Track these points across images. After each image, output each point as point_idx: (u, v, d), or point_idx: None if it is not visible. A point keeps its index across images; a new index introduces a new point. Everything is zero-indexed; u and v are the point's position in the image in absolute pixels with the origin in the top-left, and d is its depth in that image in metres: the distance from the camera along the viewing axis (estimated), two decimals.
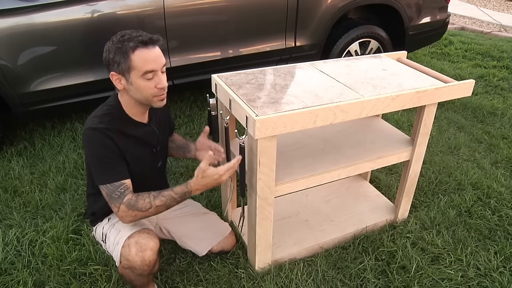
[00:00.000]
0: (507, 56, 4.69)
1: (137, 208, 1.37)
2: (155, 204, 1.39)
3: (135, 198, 1.38)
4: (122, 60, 1.32)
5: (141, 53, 1.31)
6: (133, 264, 1.42)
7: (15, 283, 1.73)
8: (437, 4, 3.62)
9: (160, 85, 1.37)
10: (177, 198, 1.41)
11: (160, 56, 1.36)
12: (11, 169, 2.50)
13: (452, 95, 1.71)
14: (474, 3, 8.29)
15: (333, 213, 2.10)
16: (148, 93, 1.37)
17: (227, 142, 1.65)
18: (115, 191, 1.37)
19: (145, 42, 1.32)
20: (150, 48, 1.33)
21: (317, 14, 3.07)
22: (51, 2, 2.37)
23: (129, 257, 1.41)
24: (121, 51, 1.32)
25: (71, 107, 2.70)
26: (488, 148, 2.84)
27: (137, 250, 1.40)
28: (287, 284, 1.71)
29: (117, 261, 1.48)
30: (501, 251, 1.93)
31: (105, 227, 1.57)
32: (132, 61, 1.32)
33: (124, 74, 1.35)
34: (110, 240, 1.51)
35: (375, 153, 1.81)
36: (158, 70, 1.36)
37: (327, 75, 1.77)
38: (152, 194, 1.39)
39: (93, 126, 1.36)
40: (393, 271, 1.79)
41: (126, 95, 1.42)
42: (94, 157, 1.38)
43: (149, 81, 1.35)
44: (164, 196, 1.40)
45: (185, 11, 2.68)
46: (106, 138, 1.36)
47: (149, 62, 1.32)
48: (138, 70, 1.33)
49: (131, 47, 1.31)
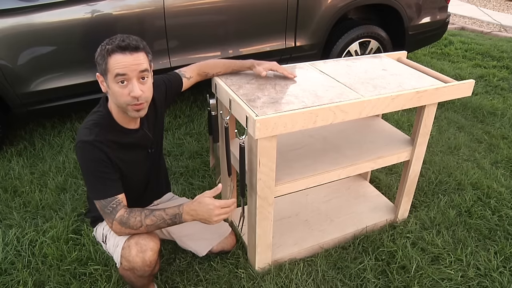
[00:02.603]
0: (507, 56, 4.69)
1: (129, 226, 1.37)
2: (145, 223, 1.37)
3: (126, 215, 1.37)
4: (101, 62, 1.32)
5: (115, 57, 1.29)
6: (134, 265, 1.41)
7: (15, 283, 1.73)
8: (437, 4, 3.62)
9: (133, 94, 1.32)
10: (167, 220, 1.39)
11: (135, 63, 1.31)
12: (11, 169, 2.50)
13: (452, 95, 1.71)
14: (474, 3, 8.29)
15: (333, 213, 2.10)
16: (122, 100, 1.34)
17: (227, 142, 1.65)
18: (108, 206, 1.36)
19: (122, 47, 1.29)
20: (126, 54, 1.30)
21: (317, 14, 3.07)
22: (51, 2, 2.37)
23: (129, 258, 1.40)
24: (101, 53, 1.32)
25: (71, 107, 2.70)
26: (488, 148, 2.84)
27: (137, 250, 1.40)
28: (287, 284, 1.71)
29: (118, 263, 1.47)
30: (501, 251, 1.93)
31: (105, 228, 1.56)
32: (108, 64, 1.30)
33: (104, 75, 1.34)
34: (110, 241, 1.50)
35: (375, 153, 1.81)
36: (132, 77, 1.31)
37: (327, 75, 1.77)
38: (144, 212, 1.38)
39: (84, 139, 1.34)
40: (393, 271, 1.79)
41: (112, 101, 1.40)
42: (87, 171, 1.37)
43: (123, 87, 1.32)
44: (155, 216, 1.38)
45: (185, 11, 2.68)
46: (97, 151, 1.34)
47: (120, 66, 1.29)
48: (111, 73, 1.31)
49: (108, 50, 1.30)
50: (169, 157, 2.63)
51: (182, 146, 2.76)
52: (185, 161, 2.59)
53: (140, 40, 1.35)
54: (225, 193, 2.04)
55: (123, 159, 1.43)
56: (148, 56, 1.37)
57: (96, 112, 1.42)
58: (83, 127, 1.38)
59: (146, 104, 1.39)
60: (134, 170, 1.48)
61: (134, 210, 1.39)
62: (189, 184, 2.38)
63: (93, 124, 1.38)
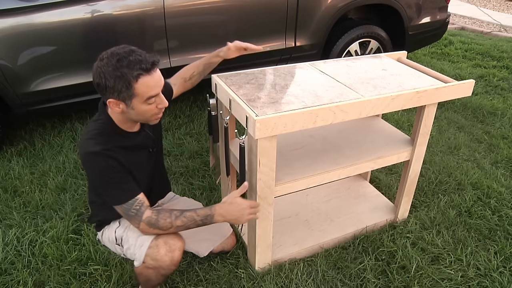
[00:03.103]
0: (507, 56, 4.69)
1: (158, 227, 1.38)
2: (175, 224, 1.39)
3: (155, 216, 1.37)
4: (124, 89, 1.25)
5: (144, 81, 1.25)
6: (162, 264, 1.42)
7: (15, 283, 1.73)
8: (437, 4, 3.62)
9: (161, 105, 1.34)
10: (198, 221, 1.40)
11: (161, 78, 1.31)
12: (11, 169, 2.50)
13: (452, 95, 1.71)
14: (474, 3, 8.29)
15: (333, 213, 2.10)
16: (149, 115, 1.35)
17: (227, 142, 1.65)
18: (131, 209, 1.36)
19: (147, 69, 1.25)
20: (152, 73, 1.26)
21: (317, 14, 3.07)
22: (51, 2, 2.37)
23: (157, 257, 1.41)
24: (122, 80, 1.23)
25: (71, 107, 2.70)
26: (488, 148, 2.84)
27: (166, 250, 1.41)
28: (287, 284, 1.71)
29: (139, 262, 1.46)
30: (501, 251, 1.93)
31: (118, 231, 1.54)
32: (136, 89, 1.25)
33: (125, 100, 1.29)
34: (130, 242, 1.48)
35: (375, 153, 1.81)
36: (160, 91, 1.32)
37: (327, 75, 1.77)
38: (174, 213, 1.39)
39: (92, 150, 1.31)
40: (393, 271, 1.79)
41: (120, 114, 1.37)
42: (101, 180, 1.35)
43: (152, 104, 1.32)
44: (186, 217, 1.39)
45: (185, 11, 2.68)
46: (108, 159, 1.32)
47: (153, 88, 1.28)
48: (141, 96, 1.28)
49: (134, 77, 1.23)
50: (169, 157, 2.63)
51: (182, 146, 2.76)
52: (185, 161, 2.59)
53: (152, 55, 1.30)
54: (225, 193, 2.04)
55: (131, 162, 1.42)
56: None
57: (97, 121, 1.39)
58: (88, 138, 1.35)
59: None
60: (141, 172, 1.49)
61: (162, 211, 1.39)
62: (189, 184, 2.38)
63: (97, 133, 1.36)
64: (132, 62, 1.23)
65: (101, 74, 1.25)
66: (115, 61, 1.23)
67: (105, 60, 1.25)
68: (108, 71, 1.23)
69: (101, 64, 1.25)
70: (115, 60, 1.23)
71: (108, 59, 1.24)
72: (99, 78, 1.25)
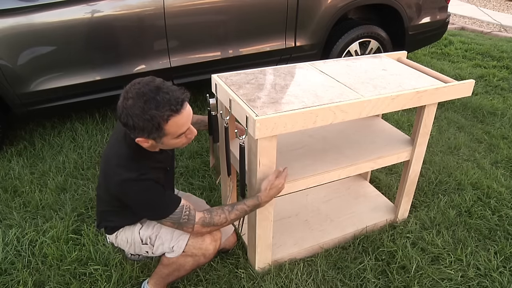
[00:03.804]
0: (507, 56, 4.69)
1: (213, 224, 1.44)
2: (230, 218, 1.46)
3: (209, 215, 1.43)
4: (155, 130, 1.22)
5: (175, 122, 1.23)
6: (205, 252, 1.49)
7: (15, 283, 1.73)
8: (437, 4, 3.62)
9: (190, 135, 1.35)
10: (248, 211, 1.48)
11: (190, 113, 1.29)
12: (11, 169, 2.50)
13: (452, 95, 1.71)
14: (474, 3, 8.29)
15: (333, 213, 2.10)
16: (178, 145, 1.36)
17: (227, 142, 1.65)
18: (181, 217, 1.39)
19: (177, 110, 1.21)
20: (183, 112, 1.23)
21: (317, 14, 3.07)
22: (51, 2, 2.37)
23: (202, 246, 1.48)
24: (152, 123, 1.20)
25: (71, 107, 2.70)
26: (488, 148, 2.84)
27: (211, 239, 1.49)
28: (287, 284, 1.71)
29: (177, 252, 1.48)
30: (501, 251, 1.93)
31: (143, 231, 1.53)
32: (166, 130, 1.24)
33: (155, 139, 1.28)
34: (164, 238, 1.50)
35: (375, 153, 1.81)
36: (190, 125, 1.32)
37: (327, 75, 1.77)
38: (226, 209, 1.45)
39: (127, 177, 1.30)
40: (393, 271, 1.79)
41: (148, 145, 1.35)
42: (144, 202, 1.36)
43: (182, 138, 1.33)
44: (238, 210, 1.46)
45: (185, 11, 2.68)
46: (146, 182, 1.33)
47: (183, 126, 1.28)
48: (172, 135, 1.28)
49: (165, 119, 1.20)
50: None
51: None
52: (185, 161, 2.59)
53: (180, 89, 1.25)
54: (225, 193, 2.04)
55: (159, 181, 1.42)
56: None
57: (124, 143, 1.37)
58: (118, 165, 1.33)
59: None
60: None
61: (212, 209, 1.45)
62: (189, 184, 2.38)
63: (129, 159, 1.34)
64: (160, 103, 1.18)
65: (128, 116, 1.20)
66: (142, 103, 1.18)
67: (130, 101, 1.19)
68: (136, 114, 1.18)
69: (127, 105, 1.19)
70: (142, 101, 1.18)
71: (134, 99, 1.18)
72: (126, 119, 1.20)
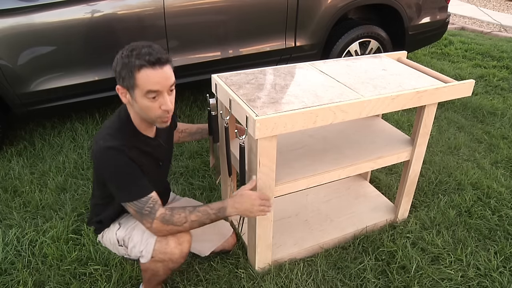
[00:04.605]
0: (507, 56, 4.69)
1: (173, 223, 1.38)
2: (190, 219, 1.39)
3: (169, 212, 1.38)
4: (127, 76, 1.28)
5: (145, 73, 1.26)
6: (171, 257, 1.44)
7: (15, 283, 1.73)
8: (437, 4, 3.62)
9: (165, 107, 1.32)
10: (211, 214, 1.41)
11: (166, 78, 1.30)
12: (11, 169, 2.50)
13: (452, 95, 1.71)
14: (474, 3, 8.29)
15: (333, 213, 2.10)
16: (152, 114, 1.34)
17: (227, 142, 1.65)
18: (145, 207, 1.36)
19: (152, 62, 1.26)
20: (157, 69, 1.27)
21: (317, 14, 3.07)
22: (51, 2, 2.37)
23: (167, 250, 1.43)
24: (127, 67, 1.27)
25: (71, 107, 2.70)
26: (488, 148, 2.84)
27: (175, 243, 1.43)
28: (287, 284, 1.71)
29: (147, 258, 1.47)
30: (501, 251, 1.93)
31: (119, 233, 1.53)
32: (136, 79, 1.27)
33: (129, 90, 1.31)
34: (135, 240, 1.48)
35: (375, 153, 1.81)
36: (163, 91, 1.31)
37: (327, 75, 1.77)
38: (187, 209, 1.40)
39: (108, 144, 1.32)
40: (393, 271, 1.79)
41: (132, 109, 1.39)
42: (116, 177, 1.35)
43: (153, 101, 1.31)
44: (200, 211, 1.40)
45: (185, 11, 2.68)
46: (125, 156, 1.33)
47: (152, 83, 1.27)
48: (141, 89, 1.28)
49: (137, 66, 1.26)
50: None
51: (182, 146, 2.76)
52: (185, 161, 2.59)
53: (164, 51, 1.31)
54: (225, 193, 2.04)
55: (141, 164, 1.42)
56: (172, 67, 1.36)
57: (117, 119, 1.41)
58: (106, 133, 1.35)
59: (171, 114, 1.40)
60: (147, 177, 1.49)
61: (175, 208, 1.40)
62: (189, 184, 2.38)
63: (116, 129, 1.37)
64: (141, 54, 1.26)
65: (116, 60, 1.31)
66: (129, 50, 1.28)
67: (124, 49, 1.30)
68: (120, 58, 1.29)
69: (120, 52, 1.31)
70: (130, 49, 1.28)
71: (126, 48, 1.30)
72: (114, 63, 1.32)
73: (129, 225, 1.53)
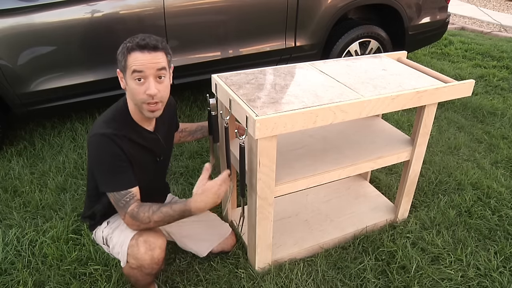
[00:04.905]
0: (507, 56, 4.69)
1: (138, 220, 1.38)
2: (153, 219, 1.39)
3: (136, 209, 1.38)
4: (121, 58, 1.36)
5: (134, 55, 1.32)
6: (142, 263, 1.42)
7: (15, 283, 1.73)
8: (437, 4, 3.62)
9: (149, 91, 1.33)
10: (175, 216, 1.40)
11: (153, 61, 1.33)
12: (11, 169, 2.50)
13: (452, 95, 1.71)
14: (474, 3, 8.29)
15: (333, 213, 2.10)
16: (138, 98, 1.35)
17: (227, 142, 1.65)
18: (121, 200, 1.37)
19: (142, 46, 1.32)
20: (145, 52, 1.32)
21: (317, 14, 3.07)
22: (51, 2, 2.37)
23: (138, 256, 1.41)
24: (122, 50, 1.35)
25: (71, 107, 2.70)
26: (488, 148, 2.84)
27: (146, 248, 1.41)
28: (287, 284, 1.71)
29: (123, 262, 1.47)
30: (501, 251, 1.93)
31: (105, 231, 1.56)
32: (127, 61, 1.33)
33: (123, 72, 1.37)
34: (114, 242, 1.50)
35: (375, 153, 1.81)
36: (149, 75, 1.33)
37: (327, 75, 1.77)
38: (151, 209, 1.39)
39: (101, 131, 1.35)
40: (393, 271, 1.79)
41: (128, 96, 1.42)
42: (101, 164, 1.37)
43: (139, 85, 1.33)
44: (163, 212, 1.39)
45: (185, 11, 2.68)
46: (114, 145, 1.35)
47: (137, 64, 1.31)
48: (129, 69, 1.33)
49: (128, 48, 1.33)
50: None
51: (182, 146, 2.76)
52: (185, 161, 2.59)
53: (160, 40, 1.38)
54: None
55: (134, 157, 1.43)
56: (168, 57, 1.39)
57: (115, 107, 1.45)
58: (101, 121, 1.39)
59: (162, 105, 1.40)
60: (142, 172, 1.48)
61: (144, 205, 1.39)
62: (189, 184, 2.38)
63: (111, 118, 1.40)
64: (136, 39, 1.34)
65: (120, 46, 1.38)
66: (130, 37, 1.36)
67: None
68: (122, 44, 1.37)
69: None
70: (132, 37, 1.36)
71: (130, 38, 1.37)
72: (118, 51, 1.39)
73: (114, 224, 1.54)
